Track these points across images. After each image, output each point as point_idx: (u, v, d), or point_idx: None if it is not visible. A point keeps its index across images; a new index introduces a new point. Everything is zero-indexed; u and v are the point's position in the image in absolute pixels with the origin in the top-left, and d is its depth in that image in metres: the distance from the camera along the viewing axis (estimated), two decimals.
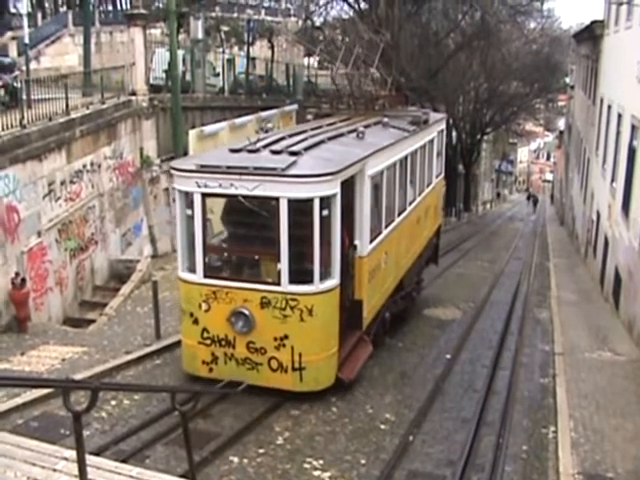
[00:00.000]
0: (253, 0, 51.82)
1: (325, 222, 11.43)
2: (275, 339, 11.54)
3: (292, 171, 11.15)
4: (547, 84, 58.08)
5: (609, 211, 22.71)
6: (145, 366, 13.68)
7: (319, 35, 41.37)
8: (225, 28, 42.54)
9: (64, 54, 36.61)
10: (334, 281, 11.78)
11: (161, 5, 37.12)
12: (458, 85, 50.96)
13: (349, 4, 39.31)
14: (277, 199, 11.10)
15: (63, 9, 45.75)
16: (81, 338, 15.56)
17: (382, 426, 11.55)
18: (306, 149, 12.12)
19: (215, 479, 9.52)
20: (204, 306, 11.86)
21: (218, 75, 32.87)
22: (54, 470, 6.09)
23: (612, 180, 22.46)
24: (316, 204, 11.18)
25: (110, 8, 48.95)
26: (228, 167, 11.37)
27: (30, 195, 16.66)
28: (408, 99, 26.41)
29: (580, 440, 10.86)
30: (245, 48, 40.02)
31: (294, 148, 12.01)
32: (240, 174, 11.21)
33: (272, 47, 42.61)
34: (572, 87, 50.83)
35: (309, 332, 11.49)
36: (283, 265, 11.29)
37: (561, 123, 74.62)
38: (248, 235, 12.35)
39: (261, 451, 10.37)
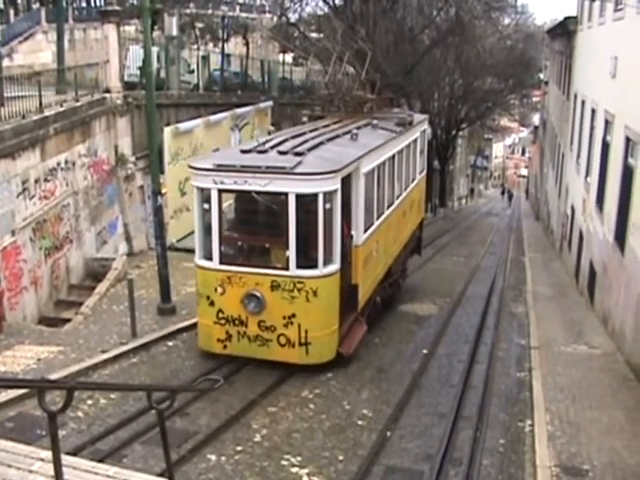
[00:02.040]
0: None
1: (328, 214, 12.85)
2: (284, 318, 12.92)
3: (299, 169, 12.48)
4: (521, 80, 58.51)
5: (583, 206, 22.89)
6: (121, 365, 13.66)
7: (294, 32, 41.32)
8: (200, 25, 42.41)
9: (37, 51, 36.13)
10: (335, 266, 13.18)
11: (135, 2, 36.80)
12: (433, 81, 51.00)
13: (324, 0, 39.20)
14: (286, 194, 12.44)
15: (36, 6, 45.13)
16: (57, 337, 15.43)
17: (359, 422, 11.60)
18: (309, 150, 13.44)
19: (193, 477, 9.51)
20: (219, 289, 13.21)
21: (193, 72, 32.65)
22: (30, 471, 6.01)
23: (586, 175, 22.64)
24: (320, 198, 12.57)
25: (84, 5, 48.35)
26: (242, 166, 12.68)
27: (4, 194, 16.46)
28: (393, 101, 27.05)
29: (556, 433, 10.97)
30: (220, 45, 39.86)
31: (298, 149, 13.34)
32: (253, 172, 12.55)
33: (247, 44, 42.53)
34: (546, 83, 51.14)
35: (314, 311, 12.89)
36: (291, 252, 12.68)
37: (536, 118, 74.96)
38: (260, 226, 13.82)
39: (239, 448, 10.39)
